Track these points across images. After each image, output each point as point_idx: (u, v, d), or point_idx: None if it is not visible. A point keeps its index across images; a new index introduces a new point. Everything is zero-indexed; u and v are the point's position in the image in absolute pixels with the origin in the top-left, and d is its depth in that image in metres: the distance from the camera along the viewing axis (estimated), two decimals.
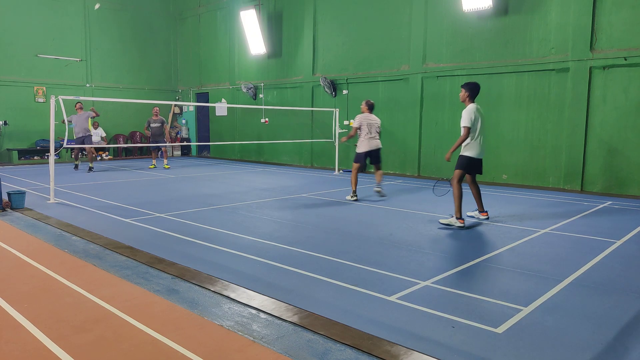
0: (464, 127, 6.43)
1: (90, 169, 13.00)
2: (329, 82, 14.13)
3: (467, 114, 6.42)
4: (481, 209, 6.91)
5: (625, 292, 4.08)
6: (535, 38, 10.47)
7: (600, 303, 3.83)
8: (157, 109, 13.83)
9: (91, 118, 13.27)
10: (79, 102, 13.10)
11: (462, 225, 6.37)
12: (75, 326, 3.29)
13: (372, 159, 8.82)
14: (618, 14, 9.41)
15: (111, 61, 17.82)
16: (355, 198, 8.59)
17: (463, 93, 6.60)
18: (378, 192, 8.92)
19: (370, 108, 8.85)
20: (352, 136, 8.84)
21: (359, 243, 5.62)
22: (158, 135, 13.71)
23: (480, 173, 6.80)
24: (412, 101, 12.51)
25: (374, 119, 8.78)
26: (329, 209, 7.79)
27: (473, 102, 6.56)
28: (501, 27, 10.94)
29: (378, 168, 8.98)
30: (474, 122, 6.42)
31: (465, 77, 11.55)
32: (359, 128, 8.66)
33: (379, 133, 8.80)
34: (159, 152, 14.76)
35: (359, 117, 8.72)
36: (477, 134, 6.47)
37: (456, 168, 6.59)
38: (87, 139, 12.90)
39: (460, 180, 6.53)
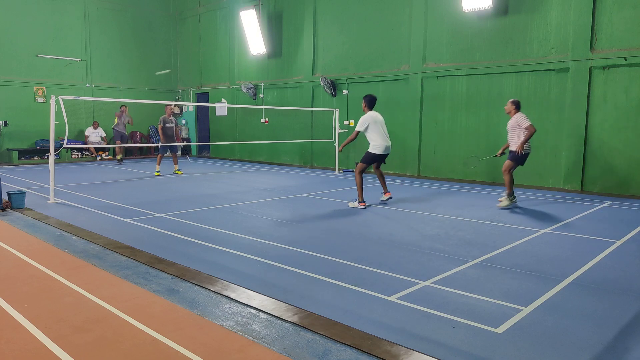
0: (355, 130, 8.00)
1: (119, 161, 15.56)
2: (329, 82, 14.13)
3: (361, 121, 7.93)
4: (385, 190, 8.30)
5: (625, 292, 4.08)
6: (536, 38, 10.47)
7: (600, 303, 3.83)
8: (172, 107, 12.92)
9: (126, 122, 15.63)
10: (123, 105, 15.40)
11: (364, 207, 7.77)
12: (75, 326, 3.29)
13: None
14: (618, 13, 9.41)
15: (111, 61, 17.82)
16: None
17: (363, 104, 8.09)
18: None
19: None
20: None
21: (359, 243, 5.62)
22: (171, 137, 12.61)
23: (384, 163, 8.29)
24: (412, 101, 12.51)
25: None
26: (328, 209, 7.79)
27: (371, 110, 8.02)
28: (501, 27, 10.94)
29: None
30: (367, 128, 7.85)
31: (466, 77, 11.56)
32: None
33: None
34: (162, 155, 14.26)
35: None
36: (376, 136, 7.85)
37: (360, 162, 8.01)
38: (123, 136, 15.48)
39: (362, 172, 7.93)
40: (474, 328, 3.32)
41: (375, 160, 8.04)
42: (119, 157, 15.64)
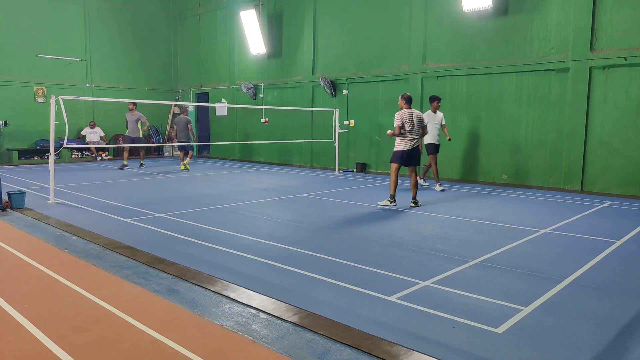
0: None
1: (141, 165, 14.22)
2: (329, 82, 14.13)
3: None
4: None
5: (625, 292, 4.08)
6: (536, 38, 10.47)
7: (600, 303, 3.83)
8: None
9: (141, 122, 13.82)
10: (131, 102, 13.53)
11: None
12: (75, 326, 3.29)
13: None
14: (619, 13, 9.41)
15: (111, 61, 17.82)
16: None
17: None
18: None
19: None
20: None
21: (359, 243, 5.62)
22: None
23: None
24: (413, 101, 12.47)
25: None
26: (328, 209, 7.79)
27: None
28: (501, 27, 10.94)
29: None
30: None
31: (466, 77, 11.56)
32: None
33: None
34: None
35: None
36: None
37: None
38: (136, 139, 13.64)
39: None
40: (474, 328, 3.32)
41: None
42: (142, 161, 14.44)
